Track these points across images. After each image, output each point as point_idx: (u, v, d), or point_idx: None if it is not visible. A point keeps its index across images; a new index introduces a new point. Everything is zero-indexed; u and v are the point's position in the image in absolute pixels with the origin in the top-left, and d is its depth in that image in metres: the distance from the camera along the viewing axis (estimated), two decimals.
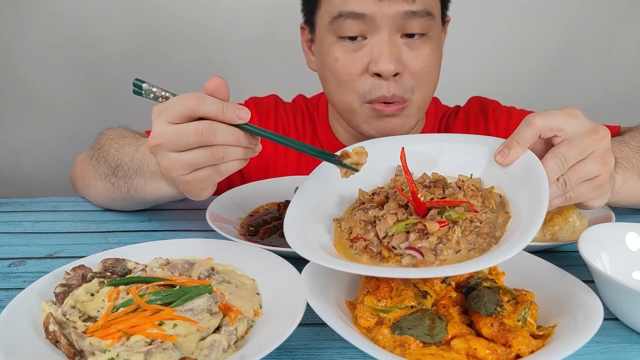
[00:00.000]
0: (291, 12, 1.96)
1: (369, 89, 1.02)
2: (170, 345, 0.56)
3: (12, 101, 2.18)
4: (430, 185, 0.72)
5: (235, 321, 0.62)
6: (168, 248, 0.79)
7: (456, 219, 0.63)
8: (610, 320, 0.67)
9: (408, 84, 1.03)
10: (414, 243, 0.62)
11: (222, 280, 0.71)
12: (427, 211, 0.66)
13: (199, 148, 0.72)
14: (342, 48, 1.03)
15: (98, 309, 0.64)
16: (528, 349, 0.54)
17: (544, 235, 0.86)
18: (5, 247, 0.93)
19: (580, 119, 0.70)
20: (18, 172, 2.26)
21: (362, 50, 1.01)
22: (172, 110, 0.71)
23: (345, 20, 0.99)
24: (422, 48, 1.03)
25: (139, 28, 2.08)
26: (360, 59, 1.01)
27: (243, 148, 0.72)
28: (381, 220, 0.66)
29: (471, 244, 0.61)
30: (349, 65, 1.02)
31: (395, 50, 1.00)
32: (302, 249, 0.62)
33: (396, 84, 1.02)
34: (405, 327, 0.57)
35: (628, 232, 0.77)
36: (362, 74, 1.02)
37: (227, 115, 0.70)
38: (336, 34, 1.02)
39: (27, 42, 2.09)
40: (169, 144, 0.72)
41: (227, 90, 0.72)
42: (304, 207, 0.72)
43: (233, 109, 0.70)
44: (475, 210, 0.65)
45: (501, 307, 0.59)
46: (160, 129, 0.72)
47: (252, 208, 1.03)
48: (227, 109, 0.70)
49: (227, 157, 0.72)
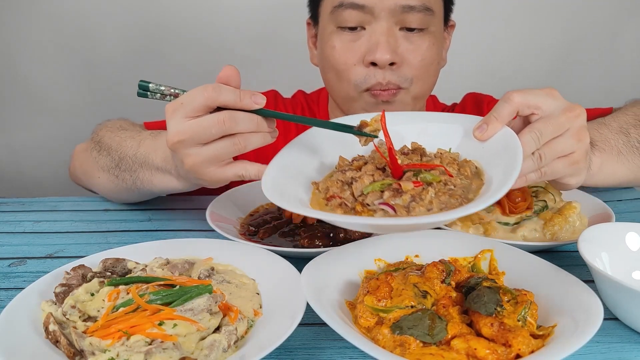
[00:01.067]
0: (291, 11, 1.97)
1: (363, 78, 1.04)
2: (170, 345, 0.56)
3: (12, 101, 2.18)
4: (409, 153, 0.74)
5: (235, 321, 0.62)
6: (168, 248, 0.79)
7: (431, 181, 0.65)
8: (610, 320, 0.67)
9: (406, 74, 1.04)
10: (387, 199, 0.63)
11: (222, 280, 0.71)
12: (403, 174, 0.68)
13: (221, 139, 0.72)
14: (340, 37, 1.05)
15: (98, 308, 0.64)
16: (528, 349, 0.54)
17: (544, 235, 0.86)
18: (5, 247, 0.93)
19: (557, 99, 0.72)
20: (18, 172, 2.26)
21: (360, 40, 1.03)
22: (190, 104, 0.71)
23: (345, 10, 1.02)
24: (421, 42, 1.04)
25: (139, 28, 2.08)
26: (357, 48, 1.04)
27: (263, 133, 0.73)
28: (358, 180, 0.68)
29: (443, 204, 0.62)
30: (345, 54, 1.05)
31: (393, 41, 1.02)
32: (276, 198, 0.63)
33: (392, 72, 1.03)
34: (405, 327, 0.57)
35: (628, 232, 0.76)
36: (357, 64, 1.04)
37: (244, 102, 0.71)
38: (336, 23, 1.05)
39: (27, 42, 2.09)
40: (191, 139, 0.72)
41: (239, 78, 0.73)
42: (283, 168, 0.73)
43: (250, 95, 0.71)
44: (450, 175, 0.67)
45: (501, 307, 0.59)
46: (179, 126, 0.72)
47: (252, 208, 1.03)
48: (244, 96, 0.71)
49: (250, 145, 0.73)
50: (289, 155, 0.75)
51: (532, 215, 0.90)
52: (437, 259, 0.70)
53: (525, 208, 0.91)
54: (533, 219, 0.88)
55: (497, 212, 0.91)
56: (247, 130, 0.72)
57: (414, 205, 0.62)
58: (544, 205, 0.92)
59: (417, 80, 1.06)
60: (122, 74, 2.14)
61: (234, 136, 0.72)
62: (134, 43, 2.10)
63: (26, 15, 2.05)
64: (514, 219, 0.90)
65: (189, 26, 2.08)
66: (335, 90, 1.12)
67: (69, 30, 2.07)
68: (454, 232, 0.86)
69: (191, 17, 2.07)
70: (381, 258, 0.74)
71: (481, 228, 0.88)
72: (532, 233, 0.86)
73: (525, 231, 0.86)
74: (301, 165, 0.75)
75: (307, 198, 0.70)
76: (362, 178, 0.67)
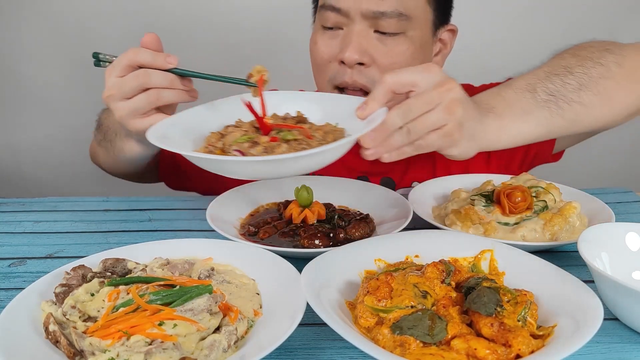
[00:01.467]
0: (292, 11, 1.97)
1: (334, 75, 1.10)
2: (170, 345, 0.56)
3: (12, 101, 2.18)
4: (287, 118, 0.85)
5: (235, 321, 0.62)
6: (168, 248, 0.79)
7: (288, 139, 0.75)
8: (610, 320, 0.67)
9: (374, 75, 1.07)
10: (242, 147, 0.75)
11: (222, 280, 0.71)
12: (270, 132, 0.79)
13: (140, 94, 0.84)
14: (322, 35, 1.12)
15: (98, 308, 0.64)
16: (528, 349, 0.54)
17: (543, 235, 0.86)
18: (6, 247, 0.93)
19: (434, 73, 0.76)
20: (18, 172, 2.26)
21: (336, 39, 1.10)
22: (117, 65, 0.85)
23: (326, 12, 1.08)
24: (395, 45, 1.07)
25: (139, 28, 2.08)
26: (333, 46, 1.10)
27: (177, 90, 0.85)
28: (230, 134, 0.79)
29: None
30: (323, 50, 1.11)
31: (365, 43, 1.06)
32: (156, 139, 0.74)
33: (360, 73, 1.08)
34: (405, 327, 0.57)
35: (628, 232, 0.76)
36: (332, 61, 1.10)
37: (158, 61, 0.84)
38: (321, 22, 1.12)
39: (27, 42, 2.09)
40: (117, 93, 0.85)
41: (159, 44, 0.86)
42: (177, 121, 0.85)
43: (164, 56, 0.84)
44: (309, 137, 0.76)
45: (501, 307, 0.59)
46: (109, 83, 0.86)
47: (252, 208, 1.03)
48: (158, 56, 0.84)
49: (162, 98, 0.85)
50: (192, 113, 0.88)
51: (532, 216, 0.90)
52: (437, 259, 0.70)
53: (525, 208, 0.91)
54: (533, 219, 0.88)
55: (497, 212, 0.91)
56: (160, 85, 0.84)
57: (264, 152, 0.73)
58: (544, 205, 0.92)
59: None
60: None
61: (150, 90, 0.84)
62: (134, 43, 2.10)
63: (26, 15, 2.05)
64: (514, 219, 0.90)
65: (189, 26, 2.08)
66: (317, 83, 1.19)
67: (69, 30, 2.07)
68: (454, 232, 0.86)
69: (191, 17, 2.07)
70: (381, 258, 0.74)
71: (481, 228, 0.88)
72: (532, 233, 0.86)
73: (525, 231, 0.86)
74: (200, 123, 0.85)
75: (191, 149, 0.80)
76: (234, 132, 0.79)
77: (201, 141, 0.82)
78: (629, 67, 0.88)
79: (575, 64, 0.87)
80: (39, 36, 2.07)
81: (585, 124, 0.87)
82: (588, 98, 0.84)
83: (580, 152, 2.47)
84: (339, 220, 0.94)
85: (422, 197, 1.04)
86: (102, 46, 2.11)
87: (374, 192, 1.07)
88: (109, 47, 2.10)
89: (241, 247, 0.80)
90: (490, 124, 0.81)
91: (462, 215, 0.91)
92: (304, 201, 0.95)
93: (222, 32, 2.08)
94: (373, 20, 1.04)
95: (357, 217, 0.94)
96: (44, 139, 2.22)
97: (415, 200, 0.99)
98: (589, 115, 0.85)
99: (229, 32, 2.08)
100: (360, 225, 0.91)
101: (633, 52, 0.91)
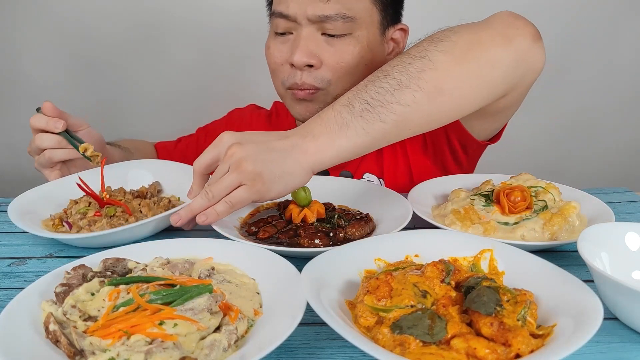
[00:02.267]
0: None
1: (287, 77, 1.17)
2: (170, 344, 0.56)
3: (12, 101, 2.18)
4: (132, 192, 1.07)
5: (235, 320, 0.62)
6: (168, 248, 0.79)
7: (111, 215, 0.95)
8: (610, 320, 0.67)
9: (324, 76, 1.14)
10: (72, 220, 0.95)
11: (222, 279, 0.71)
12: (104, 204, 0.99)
13: (40, 152, 1.06)
14: (274, 41, 1.19)
15: (98, 308, 0.64)
16: (528, 349, 0.54)
17: (543, 235, 0.86)
18: (6, 246, 0.93)
19: (223, 143, 0.84)
20: (18, 172, 2.26)
21: (286, 44, 1.16)
22: (32, 127, 1.06)
23: (276, 18, 1.15)
24: (342, 45, 1.13)
25: (139, 28, 2.08)
26: (284, 50, 1.16)
27: (65, 149, 1.05)
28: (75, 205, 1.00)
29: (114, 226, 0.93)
30: (275, 54, 1.18)
31: (313, 45, 1.12)
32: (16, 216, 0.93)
33: (310, 74, 1.14)
34: (405, 326, 0.57)
35: (628, 232, 0.76)
36: (283, 64, 1.17)
37: (49, 126, 1.04)
38: (272, 29, 1.20)
39: (27, 42, 2.09)
40: (29, 150, 1.09)
41: (54, 110, 1.04)
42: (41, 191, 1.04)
43: (54, 122, 1.03)
44: (130, 213, 0.96)
45: (501, 307, 0.59)
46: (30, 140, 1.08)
47: (252, 208, 1.03)
48: (49, 122, 1.03)
49: (54, 156, 1.05)
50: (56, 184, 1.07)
51: (531, 215, 0.90)
52: (436, 258, 0.70)
53: (525, 208, 0.91)
54: (533, 218, 0.88)
55: (496, 211, 0.92)
56: (51, 146, 1.04)
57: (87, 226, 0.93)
58: (544, 205, 0.92)
59: (336, 82, 1.16)
60: (122, 74, 2.14)
61: (45, 150, 1.05)
62: (134, 43, 2.10)
63: (26, 15, 2.05)
64: (514, 219, 0.90)
65: (190, 27, 2.08)
66: (275, 87, 1.25)
67: (69, 30, 2.07)
68: (454, 232, 0.86)
69: (191, 17, 2.07)
70: (381, 258, 0.74)
71: (481, 228, 0.88)
72: (532, 233, 0.86)
73: (524, 231, 0.86)
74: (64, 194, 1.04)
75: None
76: (79, 203, 0.99)
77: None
78: (459, 51, 0.85)
79: (394, 65, 0.85)
80: (39, 36, 2.07)
81: (417, 121, 0.85)
82: (409, 96, 0.82)
83: (580, 152, 2.48)
84: (338, 219, 0.94)
85: (422, 196, 1.04)
86: (102, 46, 2.12)
87: (374, 191, 1.07)
88: (109, 47, 2.11)
89: (241, 247, 0.80)
90: (309, 148, 0.82)
91: (461, 215, 0.91)
92: (301, 201, 0.95)
93: (222, 32, 2.08)
94: (319, 23, 1.11)
95: (357, 217, 0.94)
96: None
97: (415, 200, 1.00)
98: (417, 111, 0.83)
99: (228, 33, 2.08)
100: (360, 224, 0.91)
101: (465, 32, 0.88)
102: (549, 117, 2.35)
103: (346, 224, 0.93)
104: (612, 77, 2.24)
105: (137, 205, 0.99)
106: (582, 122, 2.37)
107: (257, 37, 2.09)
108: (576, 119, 2.35)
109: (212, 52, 2.12)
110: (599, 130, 2.40)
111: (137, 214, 0.96)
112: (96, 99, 2.17)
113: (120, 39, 2.08)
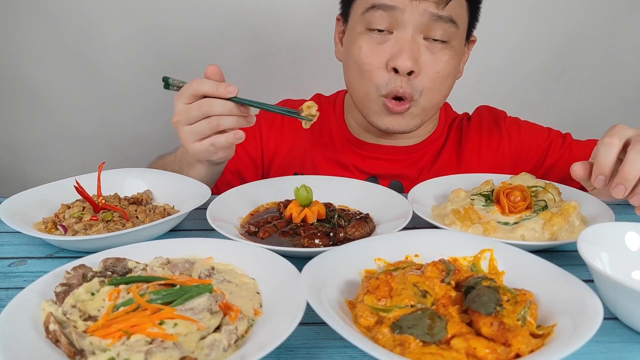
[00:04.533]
0: (293, 12, 1.97)
1: (385, 82, 1.09)
2: (170, 344, 0.56)
3: (12, 101, 2.18)
4: (127, 198, 1.04)
5: (235, 320, 0.62)
6: (168, 247, 0.79)
7: (108, 219, 0.93)
8: (610, 320, 0.67)
9: (420, 85, 1.08)
10: (68, 224, 0.92)
11: (222, 279, 0.71)
12: (99, 209, 0.96)
13: (202, 120, 0.94)
14: (368, 39, 1.10)
15: (98, 308, 0.64)
16: (528, 348, 0.54)
17: (543, 234, 0.86)
18: (6, 246, 0.93)
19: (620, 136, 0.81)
20: (18, 172, 2.26)
21: (386, 44, 1.08)
22: (184, 94, 0.95)
23: (376, 12, 1.06)
24: (441, 54, 1.08)
25: (139, 27, 2.08)
26: (382, 52, 1.08)
27: (235, 117, 0.95)
28: (69, 209, 0.98)
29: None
30: (371, 55, 1.09)
31: (416, 50, 1.06)
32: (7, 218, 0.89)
33: (409, 82, 1.08)
34: (405, 326, 0.57)
35: (628, 232, 0.76)
36: (381, 67, 1.09)
37: (220, 91, 0.93)
38: (366, 25, 1.09)
39: (28, 42, 2.09)
40: (183, 119, 0.96)
41: (221, 75, 0.96)
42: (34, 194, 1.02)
43: (225, 86, 0.93)
44: (127, 218, 0.94)
45: (501, 307, 0.59)
46: (176, 109, 0.97)
47: (252, 208, 1.03)
48: (220, 87, 0.93)
49: (222, 124, 0.94)
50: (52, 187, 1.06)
51: (531, 215, 0.90)
52: (436, 258, 0.70)
53: (525, 208, 0.91)
54: (532, 218, 0.88)
55: (496, 211, 0.92)
56: (221, 112, 0.94)
57: (83, 230, 0.90)
58: (544, 204, 0.92)
59: (427, 92, 1.10)
60: (122, 73, 2.14)
61: (211, 117, 0.94)
62: (134, 43, 2.10)
63: (26, 15, 2.05)
64: (514, 219, 0.90)
65: (190, 27, 2.08)
66: (356, 87, 1.16)
67: (69, 30, 2.07)
68: (454, 231, 0.86)
69: (192, 17, 2.07)
70: (381, 257, 0.74)
71: (480, 228, 0.88)
72: (532, 233, 0.86)
73: (524, 231, 0.86)
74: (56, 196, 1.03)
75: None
76: (72, 208, 0.97)
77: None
78: None
79: None
80: (39, 36, 2.07)
81: None
82: None
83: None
84: (338, 219, 0.94)
85: (422, 196, 1.04)
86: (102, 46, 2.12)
87: (373, 191, 1.07)
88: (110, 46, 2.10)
89: (241, 247, 0.80)
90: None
91: (461, 214, 0.91)
92: (303, 200, 0.95)
93: (223, 32, 2.08)
94: (426, 24, 1.05)
95: (357, 217, 0.94)
96: (43, 138, 2.22)
97: (415, 199, 1.00)
98: None
99: (231, 33, 2.08)
100: (360, 224, 0.91)
101: None
102: (549, 117, 2.35)
103: (346, 224, 0.93)
104: (612, 77, 2.24)
105: (134, 212, 0.98)
106: (582, 122, 2.37)
107: (260, 39, 2.10)
108: (576, 119, 2.35)
109: (213, 52, 2.11)
110: (599, 130, 2.40)
111: (133, 220, 0.95)
112: (96, 99, 2.16)
113: (121, 39, 2.08)
